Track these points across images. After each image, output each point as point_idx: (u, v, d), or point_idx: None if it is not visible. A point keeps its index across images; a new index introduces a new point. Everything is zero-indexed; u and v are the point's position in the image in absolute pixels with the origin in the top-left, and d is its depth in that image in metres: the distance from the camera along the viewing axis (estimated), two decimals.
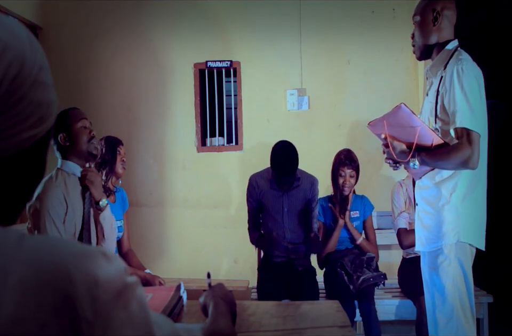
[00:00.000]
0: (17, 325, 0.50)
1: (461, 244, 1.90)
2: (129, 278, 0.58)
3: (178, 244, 3.93)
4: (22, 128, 0.58)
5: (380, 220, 3.54)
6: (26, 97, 0.58)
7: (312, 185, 2.94)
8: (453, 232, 1.90)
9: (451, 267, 1.90)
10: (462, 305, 1.89)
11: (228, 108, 4.17)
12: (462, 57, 1.90)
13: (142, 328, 0.58)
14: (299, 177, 2.88)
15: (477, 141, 1.81)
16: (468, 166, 1.82)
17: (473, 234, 1.92)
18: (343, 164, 2.99)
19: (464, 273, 1.90)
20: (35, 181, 0.65)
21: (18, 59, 0.58)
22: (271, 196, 2.91)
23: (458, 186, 1.91)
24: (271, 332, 1.22)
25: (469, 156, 1.80)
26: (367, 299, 2.73)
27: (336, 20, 3.86)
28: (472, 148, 1.80)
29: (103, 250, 0.58)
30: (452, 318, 1.89)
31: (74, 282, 0.53)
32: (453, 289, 1.89)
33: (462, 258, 1.90)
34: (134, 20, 3.97)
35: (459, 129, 1.83)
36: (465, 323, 1.88)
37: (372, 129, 1.99)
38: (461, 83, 1.83)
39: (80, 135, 2.12)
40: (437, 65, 2.00)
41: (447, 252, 1.91)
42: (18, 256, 0.53)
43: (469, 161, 1.80)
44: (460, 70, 1.84)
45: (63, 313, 0.52)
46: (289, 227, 2.92)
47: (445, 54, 1.97)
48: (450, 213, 1.91)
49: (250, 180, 2.98)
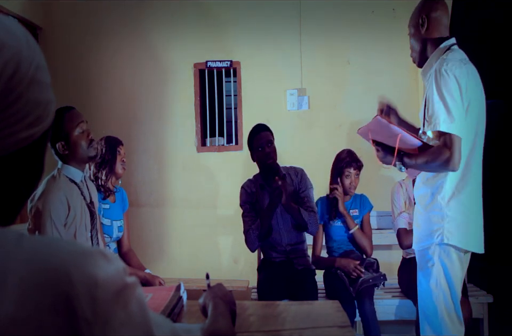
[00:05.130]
0: (16, 324, 0.50)
1: (444, 246, 1.88)
2: (128, 278, 0.59)
3: (178, 244, 3.93)
4: (19, 128, 0.58)
5: (379, 220, 3.54)
6: (24, 96, 0.58)
7: (298, 176, 2.96)
8: (437, 233, 1.89)
9: (434, 268, 1.90)
10: (446, 307, 1.88)
11: (228, 108, 4.17)
12: (445, 58, 1.88)
13: (141, 328, 0.58)
14: (284, 174, 2.89)
15: (456, 143, 1.79)
16: (447, 168, 1.82)
17: (461, 236, 1.89)
18: (349, 165, 2.98)
19: (447, 275, 1.89)
20: (33, 181, 0.65)
21: (15, 58, 0.58)
22: (261, 199, 2.92)
23: (444, 187, 1.90)
24: (271, 332, 1.22)
25: (447, 158, 1.79)
26: (367, 299, 2.73)
27: (336, 20, 3.85)
28: (451, 151, 1.79)
29: (102, 251, 0.58)
30: (436, 319, 1.89)
31: (74, 282, 0.53)
32: (436, 290, 1.89)
33: (445, 260, 1.89)
34: (134, 20, 3.97)
35: (436, 132, 1.83)
36: (451, 325, 1.88)
37: (361, 135, 2.05)
38: (438, 85, 1.82)
39: (79, 143, 2.08)
40: (427, 67, 2.01)
41: (431, 253, 1.91)
42: (18, 256, 0.53)
43: (449, 163, 1.80)
44: (438, 72, 1.83)
45: (63, 313, 0.52)
46: (285, 228, 2.93)
47: (437, 55, 1.97)
48: (435, 213, 1.90)
49: (242, 186, 3.00)
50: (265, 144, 2.85)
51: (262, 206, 2.91)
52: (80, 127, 2.10)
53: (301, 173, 2.98)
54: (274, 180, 2.70)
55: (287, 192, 2.72)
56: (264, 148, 2.85)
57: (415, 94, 3.82)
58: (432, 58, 1.98)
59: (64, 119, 2.07)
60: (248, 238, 2.87)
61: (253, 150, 2.90)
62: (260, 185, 2.93)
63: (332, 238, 3.09)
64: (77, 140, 2.09)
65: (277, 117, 3.86)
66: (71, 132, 2.08)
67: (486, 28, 4.61)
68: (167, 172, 3.97)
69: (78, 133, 2.09)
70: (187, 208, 3.93)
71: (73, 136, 2.08)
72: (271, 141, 2.87)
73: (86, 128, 2.14)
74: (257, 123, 3.01)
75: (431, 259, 1.91)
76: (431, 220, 1.91)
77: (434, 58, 1.97)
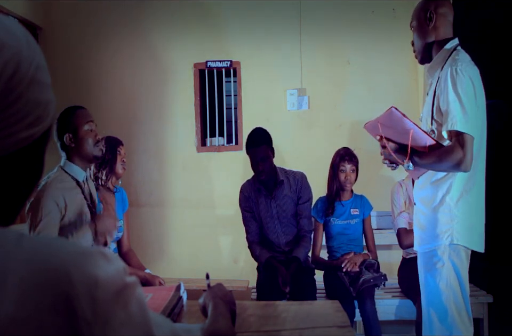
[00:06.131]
0: (16, 324, 0.50)
1: (454, 246, 1.89)
2: (128, 278, 0.58)
3: (178, 244, 3.93)
4: (19, 128, 0.58)
5: (379, 220, 3.53)
6: (23, 96, 0.58)
7: (298, 184, 2.92)
8: (446, 234, 1.89)
9: (445, 269, 1.89)
10: (456, 307, 1.88)
11: (228, 108, 4.17)
12: (458, 58, 1.89)
13: (141, 328, 0.58)
14: (282, 180, 2.88)
15: (469, 143, 1.79)
16: (459, 168, 1.81)
17: (468, 236, 1.91)
18: (344, 159, 3.01)
19: (458, 274, 1.89)
20: (33, 181, 0.65)
21: (15, 58, 0.58)
22: (260, 203, 2.93)
23: (453, 188, 1.90)
24: (271, 332, 1.22)
25: (460, 158, 1.78)
26: (368, 299, 2.73)
27: (336, 20, 3.85)
28: (464, 151, 1.78)
29: (102, 251, 0.58)
30: (446, 319, 1.88)
31: (74, 282, 0.53)
32: (447, 291, 1.89)
33: (455, 260, 1.89)
34: (134, 20, 3.97)
35: (451, 132, 1.82)
36: (461, 324, 1.88)
37: (368, 130, 1.99)
38: (454, 84, 1.82)
39: (86, 138, 2.11)
40: (435, 66, 2.00)
41: (441, 254, 1.90)
42: (18, 256, 0.53)
43: (461, 164, 1.79)
44: (454, 71, 1.83)
45: (63, 313, 0.52)
46: (283, 231, 2.94)
47: (443, 54, 1.97)
48: (444, 214, 1.90)
49: (241, 189, 3.00)
50: (260, 161, 2.78)
51: (257, 211, 2.93)
52: (89, 125, 2.13)
53: (301, 180, 2.93)
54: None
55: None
56: (258, 164, 2.79)
57: (415, 94, 3.82)
58: (438, 57, 1.98)
59: (75, 114, 2.12)
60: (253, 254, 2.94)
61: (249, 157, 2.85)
62: (257, 189, 2.93)
63: (332, 237, 3.09)
64: (85, 135, 2.11)
65: (277, 117, 3.86)
66: (80, 126, 2.11)
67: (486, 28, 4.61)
68: (167, 172, 3.97)
69: (87, 129, 2.12)
70: (187, 208, 3.93)
71: (81, 131, 2.11)
72: (267, 157, 2.78)
73: (95, 128, 2.16)
74: (256, 127, 2.92)
75: (440, 260, 1.90)
76: (439, 221, 1.90)
77: (441, 57, 1.97)
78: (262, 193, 2.92)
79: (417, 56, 2.10)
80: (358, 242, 3.10)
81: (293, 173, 2.97)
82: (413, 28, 2.06)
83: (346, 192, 3.10)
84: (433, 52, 2.02)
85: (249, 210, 2.96)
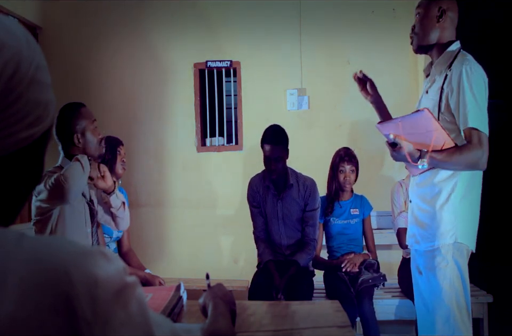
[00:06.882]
0: (16, 324, 0.50)
1: (458, 245, 1.89)
2: (128, 278, 0.58)
3: (178, 244, 3.93)
4: (19, 128, 0.58)
5: (379, 220, 3.53)
6: (23, 97, 0.58)
7: (307, 191, 2.89)
8: (450, 233, 1.89)
9: (448, 268, 1.89)
10: (458, 306, 1.88)
11: (228, 107, 4.17)
12: (468, 58, 1.90)
13: (141, 328, 0.58)
14: (291, 183, 2.88)
15: (486, 142, 1.81)
16: (478, 167, 1.82)
17: (469, 235, 1.92)
18: (343, 160, 3.02)
19: (461, 274, 1.90)
20: (33, 181, 0.65)
21: (15, 58, 0.58)
22: (267, 201, 2.92)
23: (458, 186, 1.90)
24: (271, 331, 1.22)
25: (479, 157, 1.79)
26: (366, 299, 2.72)
27: (336, 20, 3.85)
28: (483, 149, 1.79)
29: (102, 250, 0.58)
30: (449, 319, 1.88)
31: (74, 282, 0.53)
32: (450, 290, 1.88)
33: (459, 259, 1.90)
34: (134, 20, 3.97)
35: (470, 130, 1.82)
36: (461, 324, 1.88)
37: (381, 128, 1.96)
38: (470, 84, 1.83)
39: (93, 137, 2.12)
40: (441, 64, 1.99)
41: (444, 253, 1.90)
42: (18, 256, 0.53)
43: (479, 162, 1.80)
44: (469, 70, 1.84)
45: (63, 313, 0.52)
46: (286, 233, 2.93)
47: (449, 54, 1.97)
48: (448, 213, 1.91)
49: (250, 183, 2.98)
50: (273, 160, 2.78)
51: (263, 207, 2.92)
52: (94, 124, 2.13)
53: (310, 186, 2.90)
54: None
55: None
56: (271, 163, 2.78)
57: (415, 94, 3.82)
58: (444, 57, 1.98)
59: (80, 113, 2.12)
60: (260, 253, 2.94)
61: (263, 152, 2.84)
62: (266, 186, 2.93)
63: (332, 237, 3.09)
64: (91, 135, 2.11)
65: (277, 117, 3.86)
66: (88, 125, 2.11)
67: (486, 28, 4.61)
68: (167, 172, 3.97)
69: (93, 128, 2.12)
70: (187, 208, 3.93)
71: (89, 131, 2.11)
72: (281, 157, 2.78)
73: (97, 127, 2.17)
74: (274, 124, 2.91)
75: (444, 259, 1.90)
76: (444, 219, 1.91)
77: (446, 57, 1.97)
78: (270, 191, 2.92)
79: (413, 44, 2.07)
80: (358, 242, 3.10)
81: (304, 178, 2.94)
82: (419, 15, 2.03)
83: (346, 192, 3.10)
84: (434, 49, 2.02)
85: (256, 205, 2.95)
